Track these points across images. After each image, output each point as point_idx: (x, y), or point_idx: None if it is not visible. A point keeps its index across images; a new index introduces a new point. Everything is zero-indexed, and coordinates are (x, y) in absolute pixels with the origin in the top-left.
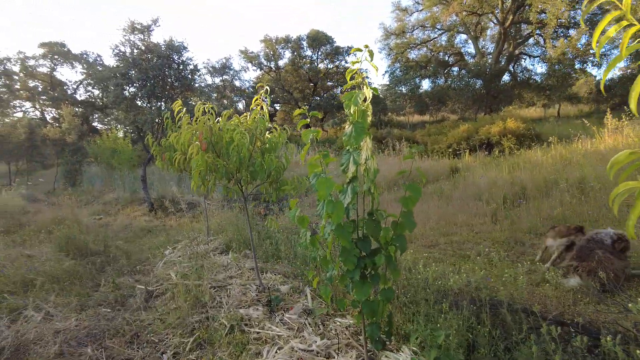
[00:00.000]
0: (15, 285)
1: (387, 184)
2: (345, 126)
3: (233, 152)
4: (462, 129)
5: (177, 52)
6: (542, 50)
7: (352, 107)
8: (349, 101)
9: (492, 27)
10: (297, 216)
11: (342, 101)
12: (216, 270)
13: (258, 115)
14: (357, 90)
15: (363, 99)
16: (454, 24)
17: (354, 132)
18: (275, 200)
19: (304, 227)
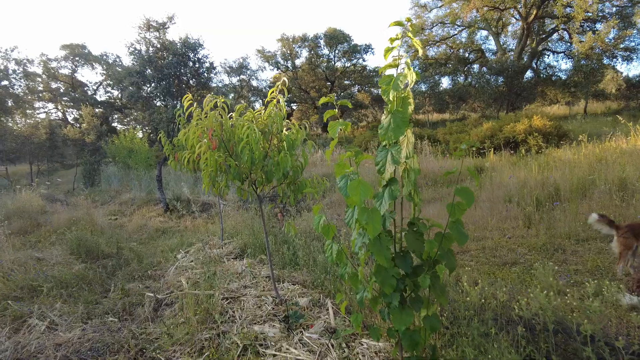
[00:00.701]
0: (22, 290)
1: None
2: (383, 117)
3: (244, 151)
4: (486, 127)
5: (192, 49)
6: (567, 45)
7: (392, 93)
8: (388, 86)
9: (514, 23)
10: (322, 225)
11: (380, 87)
12: (229, 278)
13: (274, 110)
14: (396, 72)
15: (405, 83)
16: (474, 20)
17: (392, 124)
18: (294, 203)
19: (329, 237)
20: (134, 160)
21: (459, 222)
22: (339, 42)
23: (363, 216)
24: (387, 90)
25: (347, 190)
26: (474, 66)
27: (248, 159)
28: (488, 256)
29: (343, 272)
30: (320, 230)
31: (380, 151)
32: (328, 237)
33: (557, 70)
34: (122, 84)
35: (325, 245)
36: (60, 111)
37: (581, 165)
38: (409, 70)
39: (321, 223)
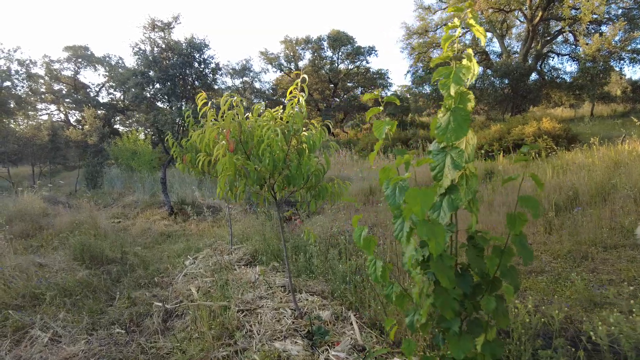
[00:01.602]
0: (24, 298)
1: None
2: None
3: (265, 153)
4: (494, 129)
5: (198, 50)
6: (572, 47)
7: (453, 87)
8: (448, 79)
9: (518, 25)
10: (364, 238)
11: (436, 79)
12: (243, 287)
13: (294, 109)
14: (454, 63)
15: (468, 75)
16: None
17: (452, 123)
18: (315, 209)
19: (370, 252)
20: (137, 162)
21: (522, 235)
22: (343, 44)
23: (423, 230)
24: (446, 84)
25: (396, 199)
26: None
27: (269, 162)
28: None
29: (389, 292)
30: (362, 243)
31: (435, 154)
32: (369, 252)
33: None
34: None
35: (368, 262)
36: (63, 113)
37: (597, 169)
38: (471, 62)
39: (363, 236)
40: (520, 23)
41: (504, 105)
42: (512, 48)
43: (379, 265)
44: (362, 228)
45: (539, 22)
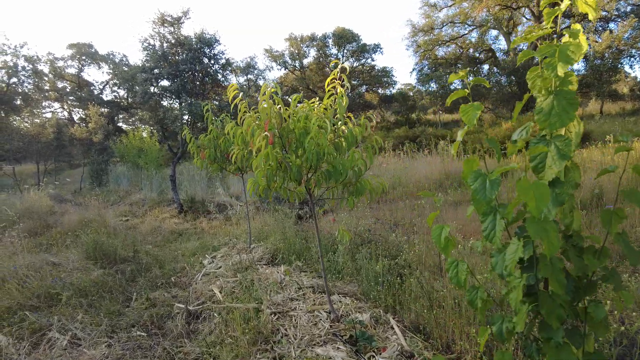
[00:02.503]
0: (39, 299)
1: (429, 187)
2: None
3: (310, 146)
4: (505, 127)
5: (208, 45)
6: None
7: (560, 67)
8: (555, 58)
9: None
10: (444, 237)
11: (539, 57)
12: (270, 288)
13: (334, 101)
14: (556, 41)
15: (578, 53)
16: (486, 19)
17: (556, 107)
18: (352, 206)
19: (447, 253)
20: (144, 160)
21: (625, 234)
22: (348, 42)
23: (534, 229)
24: (552, 63)
25: (487, 194)
26: (484, 66)
27: (314, 156)
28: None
29: (473, 297)
30: (442, 244)
31: (535, 143)
32: (447, 253)
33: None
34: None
35: (448, 264)
36: (67, 111)
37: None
38: (579, 38)
39: (444, 235)
40: (526, 20)
41: (512, 103)
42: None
43: (462, 269)
44: (441, 227)
45: None
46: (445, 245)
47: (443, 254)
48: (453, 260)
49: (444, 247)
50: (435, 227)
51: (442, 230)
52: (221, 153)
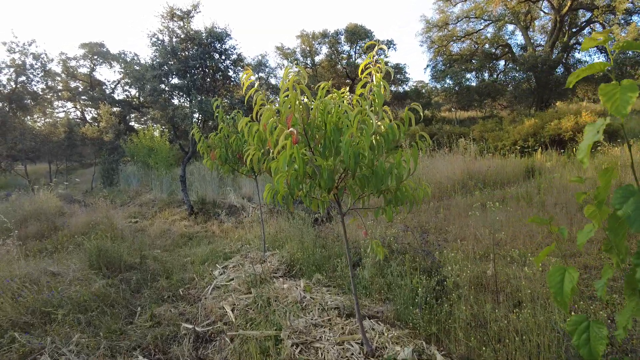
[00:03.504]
0: (34, 315)
1: (452, 186)
2: None
3: (346, 146)
4: (528, 124)
5: (219, 39)
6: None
7: None
8: None
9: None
10: (572, 288)
11: None
12: (289, 309)
13: (369, 90)
14: None
15: None
16: (503, 14)
17: None
18: (391, 219)
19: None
20: (154, 160)
21: None
22: (360, 38)
23: None
24: None
25: None
26: (500, 62)
27: (351, 159)
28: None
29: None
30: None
31: None
32: (567, 308)
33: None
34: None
35: (572, 324)
36: (79, 110)
37: None
38: None
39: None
40: (544, 14)
41: (530, 100)
42: (536, 41)
43: (598, 333)
44: (562, 270)
45: (567, 12)
46: (564, 300)
47: (561, 308)
48: (581, 320)
49: (565, 301)
50: (555, 270)
51: (565, 275)
52: (233, 153)
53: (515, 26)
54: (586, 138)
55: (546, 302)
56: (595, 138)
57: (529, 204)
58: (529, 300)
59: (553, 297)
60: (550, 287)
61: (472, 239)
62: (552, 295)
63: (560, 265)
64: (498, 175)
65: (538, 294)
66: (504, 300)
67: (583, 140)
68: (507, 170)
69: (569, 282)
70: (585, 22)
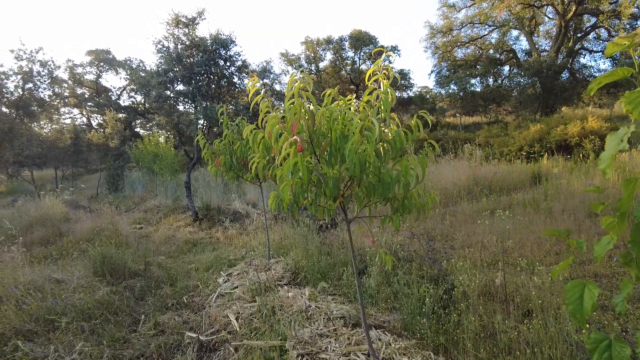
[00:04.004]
0: (38, 323)
1: (458, 192)
2: None
3: (351, 154)
4: (534, 129)
5: (224, 46)
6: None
7: None
8: None
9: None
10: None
11: None
12: (294, 318)
13: (376, 97)
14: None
15: None
16: (507, 19)
17: None
18: (398, 227)
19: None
20: (159, 166)
21: None
22: (364, 44)
23: None
24: None
25: None
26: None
27: (356, 167)
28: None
29: None
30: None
31: None
32: (583, 324)
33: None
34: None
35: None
36: (85, 116)
37: None
38: None
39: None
40: (548, 20)
41: (536, 105)
42: (541, 46)
43: (594, 291)
44: (581, 284)
45: (572, 17)
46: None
47: (580, 325)
48: (602, 339)
49: (585, 318)
50: (574, 285)
51: (584, 291)
52: (237, 160)
53: (520, 31)
54: (609, 148)
55: (557, 313)
56: (620, 147)
57: (536, 211)
58: (540, 310)
59: (571, 314)
60: (568, 303)
61: (479, 246)
62: (570, 312)
63: (579, 280)
64: (504, 181)
65: (549, 304)
66: (514, 310)
67: (606, 149)
68: (513, 176)
69: (589, 298)
70: (590, 27)
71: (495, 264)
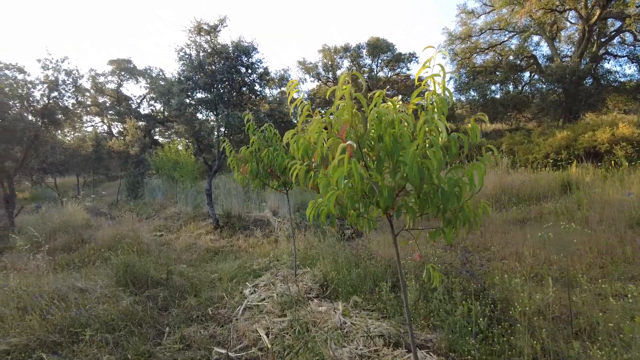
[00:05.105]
0: (62, 334)
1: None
2: None
3: (411, 161)
4: (560, 136)
5: (245, 53)
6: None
7: None
8: None
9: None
10: None
11: None
12: (329, 336)
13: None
14: None
15: None
16: (528, 24)
17: None
18: (451, 241)
19: None
20: (180, 173)
21: None
22: (382, 52)
23: None
24: None
25: None
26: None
27: (416, 175)
28: None
29: None
30: None
31: None
32: None
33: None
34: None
35: None
36: (106, 124)
37: None
38: None
39: None
40: (570, 24)
41: (558, 112)
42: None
43: None
44: None
45: (596, 21)
46: None
47: None
48: None
49: None
50: None
51: None
52: (264, 167)
53: (541, 37)
54: None
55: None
56: None
57: (571, 221)
58: (606, 334)
59: None
60: None
61: (515, 257)
62: None
63: None
64: (532, 189)
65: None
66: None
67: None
68: (541, 184)
69: None
70: (614, 32)
71: (536, 276)
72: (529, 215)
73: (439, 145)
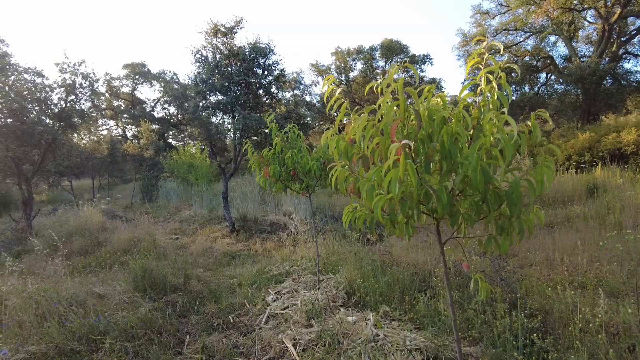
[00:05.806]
0: (80, 342)
1: None
2: None
3: (475, 162)
4: (583, 137)
5: (262, 55)
6: None
7: None
8: None
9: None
10: None
11: None
12: (362, 349)
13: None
14: None
15: None
16: (545, 25)
17: None
18: (506, 250)
19: None
20: (195, 176)
21: None
22: (396, 53)
23: None
24: None
25: None
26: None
27: (480, 178)
28: None
29: None
30: None
31: None
32: None
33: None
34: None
35: None
36: (121, 128)
37: None
38: None
39: None
40: (589, 24)
41: (577, 113)
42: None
43: None
44: None
45: (616, 20)
46: None
47: None
48: None
49: None
50: None
51: None
52: (287, 170)
53: (558, 37)
54: None
55: None
56: None
57: (602, 225)
58: None
59: None
60: None
61: (545, 264)
62: None
63: None
64: (556, 192)
65: None
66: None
67: None
68: (566, 187)
69: None
70: (635, 30)
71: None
72: (555, 219)
73: (510, 145)
